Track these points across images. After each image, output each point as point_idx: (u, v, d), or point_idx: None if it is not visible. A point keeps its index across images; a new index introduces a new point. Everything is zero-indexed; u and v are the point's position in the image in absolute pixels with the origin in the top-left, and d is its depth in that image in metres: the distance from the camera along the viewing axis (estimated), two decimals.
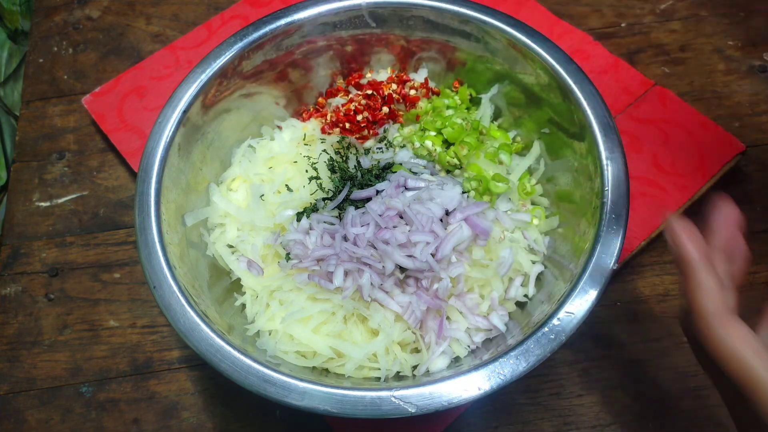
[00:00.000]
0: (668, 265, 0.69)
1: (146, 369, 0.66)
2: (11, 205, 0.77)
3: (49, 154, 0.80)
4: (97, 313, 0.70)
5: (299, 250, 0.58)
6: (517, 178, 0.64)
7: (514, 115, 0.68)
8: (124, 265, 0.72)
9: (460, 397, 0.46)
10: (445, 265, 0.55)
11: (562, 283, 0.54)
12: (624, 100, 0.77)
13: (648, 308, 0.67)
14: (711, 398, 0.62)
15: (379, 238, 0.55)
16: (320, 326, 0.56)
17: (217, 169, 0.66)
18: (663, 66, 0.83)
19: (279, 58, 0.66)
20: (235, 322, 0.57)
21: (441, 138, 0.65)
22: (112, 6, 0.92)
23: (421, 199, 0.58)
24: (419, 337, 0.55)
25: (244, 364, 0.48)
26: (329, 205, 0.61)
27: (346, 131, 0.66)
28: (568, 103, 0.59)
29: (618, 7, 0.88)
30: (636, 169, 0.71)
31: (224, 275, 0.62)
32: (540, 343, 0.48)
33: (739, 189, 0.73)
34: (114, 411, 0.64)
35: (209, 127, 0.63)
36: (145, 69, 0.83)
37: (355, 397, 0.47)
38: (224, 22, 0.86)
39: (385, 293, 0.55)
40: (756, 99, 0.80)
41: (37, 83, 0.86)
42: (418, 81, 0.70)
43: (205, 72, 0.61)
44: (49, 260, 0.73)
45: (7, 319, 0.70)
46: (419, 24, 0.66)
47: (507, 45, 0.63)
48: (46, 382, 0.66)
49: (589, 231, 0.54)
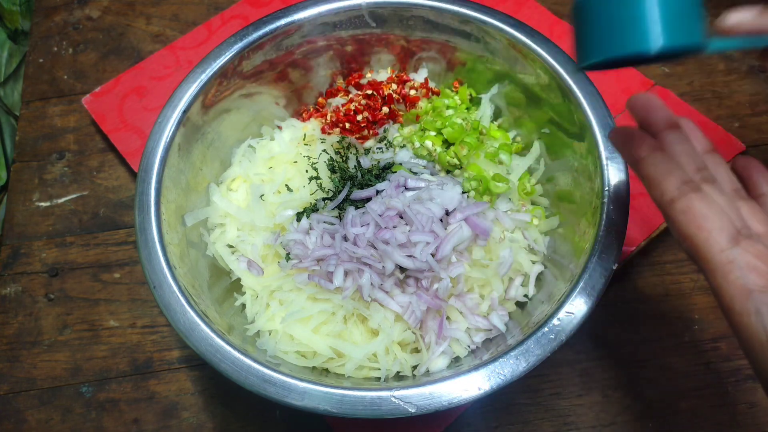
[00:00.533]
0: (668, 265, 0.69)
1: (146, 369, 0.66)
2: (11, 205, 0.77)
3: (49, 154, 0.80)
4: (97, 313, 0.70)
5: (299, 250, 0.58)
6: (517, 178, 0.64)
7: (514, 115, 0.68)
8: (124, 265, 0.72)
9: (460, 397, 0.46)
10: (445, 265, 0.55)
11: (562, 283, 0.54)
12: (624, 100, 0.77)
13: (648, 308, 0.67)
14: (711, 398, 0.62)
15: (379, 238, 0.55)
16: (320, 326, 0.56)
17: (217, 169, 0.66)
18: (663, 66, 0.83)
19: (279, 58, 0.66)
20: (235, 322, 0.57)
21: (441, 138, 0.65)
22: (112, 6, 0.92)
23: (421, 199, 0.58)
24: (419, 337, 0.55)
25: (244, 364, 0.48)
26: (329, 205, 0.61)
27: (346, 131, 0.66)
28: (568, 103, 0.59)
29: None
30: None
31: (224, 275, 0.62)
32: (540, 343, 0.48)
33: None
34: (114, 411, 0.64)
35: (209, 127, 0.63)
36: (145, 69, 0.83)
37: (355, 397, 0.47)
38: (224, 22, 0.86)
39: (385, 293, 0.55)
40: (756, 99, 0.80)
41: (37, 83, 0.86)
42: (418, 81, 0.70)
43: (205, 72, 0.61)
44: (49, 260, 0.73)
45: (7, 319, 0.70)
46: (419, 24, 0.66)
47: (507, 45, 0.63)
48: (46, 382, 0.66)
49: (589, 231, 0.54)
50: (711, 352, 0.65)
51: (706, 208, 0.38)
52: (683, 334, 0.66)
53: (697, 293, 0.68)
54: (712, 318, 0.66)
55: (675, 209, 0.39)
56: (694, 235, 0.38)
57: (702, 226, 0.38)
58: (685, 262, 0.69)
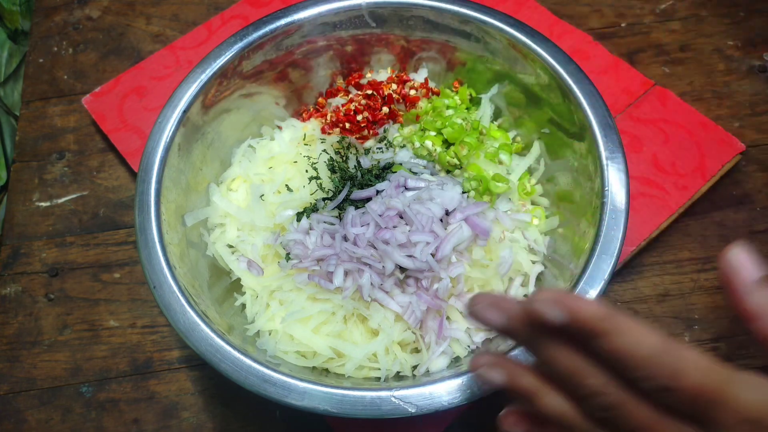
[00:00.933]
0: (668, 265, 0.69)
1: (146, 369, 0.66)
2: (11, 205, 0.77)
3: (49, 154, 0.80)
4: (97, 313, 0.70)
5: (299, 250, 0.58)
6: (517, 178, 0.64)
7: (514, 115, 0.68)
8: (124, 265, 0.72)
9: (460, 397, 0.46)
10: (445, 265, 0.55)
11: (562, 283, 0.54)
12: (624, 100, 0.77)
13: (648, 308, 0.67)
14: None
15: (379, 238, 0.55)
16: (320, 326, 0.56)
17: (217, 169, 0.66)
18: (663, 66, 0.83)
19: (279, 58, 0.66)
20: (235, 322, 0.57)
21: (441, 138, 0.65)
22: (112, 6, 0.92)
23: (421, 199, 0.58)
24: (419, 337, 0.55)
25: (244, 364, 0.48)
26: (329, 205, 0.61)
27: (346, 131, 0.66)
28: (568, 103, 0.59)
29: (618, 7, 0.88)
30: (636, 169, 0.71)
31: (224, 275, 0.62)
32: None
33: (739, 189, 0.73)
34: (114, 411, 0.64)
35: (209, 127, 0.63)
36: (145, 69, 0.83)
37: (355, 397, 0.47)
38: (224, 22, 0.86)
39: (385, 293, 0.55)
40: (756, 99, 0.80)
41: (37, 83, 0.86)
42: (418, 81, 0.70)
43: (205, 72, 0.61)
44: (49, 260, 0.73)
45: (7, 319, 0.70)
46: (419, 24, 0.66)
47: (507, 45, 0.63)
48: (46, 382, 0.66)
49: (589, 231, 0.54)
50: (711, 352, 0.65)
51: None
52: (683, 334, 0.66)
53: (697, 293, 0.68)
54: (712, 318, 0.66)
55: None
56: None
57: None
58: (685, 262, 0.69)
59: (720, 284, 0.33)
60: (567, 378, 0.33)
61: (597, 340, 0.31)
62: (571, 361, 0.32)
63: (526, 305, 0.33)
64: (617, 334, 0.30)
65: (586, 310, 0.31)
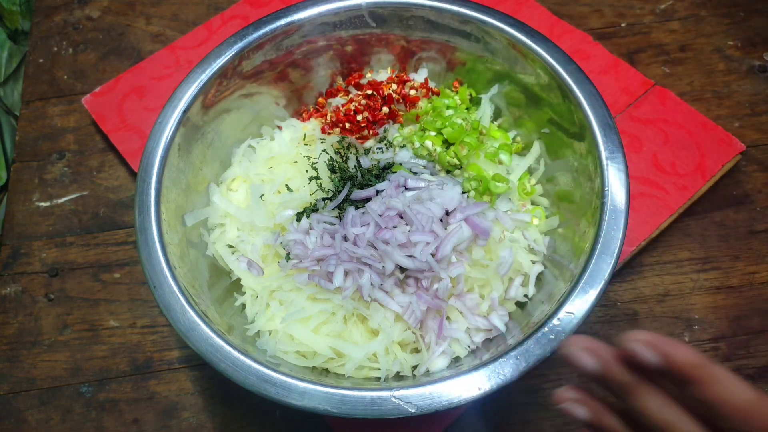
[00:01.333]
0: (668, 265, 0.69)
1: (146, 369, 0.66)
2: (11, 205, 0.77)
3: (49, 154, 0.80)
4: (97, 313, 0.70)
5: (299, 250, 0.58)
6: (517, 178, 0.64)
7: (514, 115, 0.68)
8: (124, 265, 0.72)
9: (460, 397, 0.46)
10: (445, 265, 0.55)
11: (562, 283, 0.54)
12: (624, 100, 0.77)
13: (648, 308, 0.67)
14: None
15: (379, 238, 0.55)
16: (320, 326, 0.56)
17: (217, 169, 0.66)
18: (663, 66, 0.83)
19: (279, 58, 0.66)
20: (235, 322, 0.57)
21: (441, 138, 0.65)
22: (112, 6, 0.92)
23: (421, 199, 0.58)
24: (419, 337, 0.55)
25: (244, 364, 0.48)
26: (329, 205, 0.61)
27: (346, 131, 0.66)
28: (568, 103, 0.59)
29: (618, 7, 0.88)
30: (636, 169, 0.71)
31: (224, 275, 0.62)
32: (540, 343, 0.48)
33: (739, 189, 0.73)
34: (114, 411, 0.64)
35: (209, 127, 0.63)
36: (145, 69, 0.83)
37: (355, 397, 0.47)
38: (224, 22, 0.86)
39: (385, 293, 0.55)
40: (756, 99, 0.80)
41: (37, 83, 0.86)
42: (418, 81, 0.70)
43: (205, 72, 0.61)
44: (49, 260, 0.73)
45: (7, 319, 0.70)
46: (419, 24, 0.66)
47: (507, 45, 0.63)
48: (46, 382, 0.66)
49: (589, 231, 0.54)
50: (711, 352, 0.65)
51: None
52: (683, 334, 0.66)
53: (697, 293, 0.68)
54: (712, 318, 0.66)
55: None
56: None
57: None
58: (685, 262, 0.69)
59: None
60: (659, 429, 0.33)
61: (692, 387, 0.31)
62: (665, 413, 0.33)
63: (620, 347, 0.34)
64: (714, 382, 0.31)
65: (682, 354, 0.31)
